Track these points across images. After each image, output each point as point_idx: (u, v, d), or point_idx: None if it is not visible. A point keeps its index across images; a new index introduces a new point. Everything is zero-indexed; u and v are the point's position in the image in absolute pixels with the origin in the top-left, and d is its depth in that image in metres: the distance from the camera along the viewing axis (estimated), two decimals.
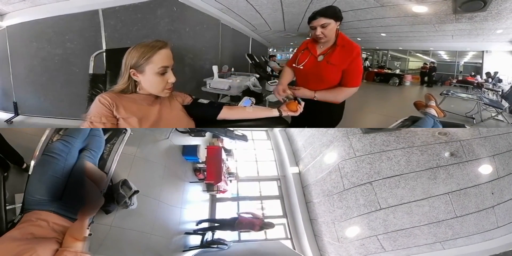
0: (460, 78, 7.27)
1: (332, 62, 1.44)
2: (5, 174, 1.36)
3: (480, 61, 6.85)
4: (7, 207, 1.12)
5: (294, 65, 1.60)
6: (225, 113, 1.30)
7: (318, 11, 1.39)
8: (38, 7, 2.77)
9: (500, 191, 2.00)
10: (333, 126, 1.72)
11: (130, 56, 1.11)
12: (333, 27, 1.40)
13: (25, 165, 1.53)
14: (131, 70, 1.11)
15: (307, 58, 1.54)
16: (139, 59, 1.09)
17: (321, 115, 1.63)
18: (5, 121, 3.14)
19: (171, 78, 1.14)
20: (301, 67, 1.56)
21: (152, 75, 1.10)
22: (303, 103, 1.33)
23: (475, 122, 4.06)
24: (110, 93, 1.14)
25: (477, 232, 1.99)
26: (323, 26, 1.38)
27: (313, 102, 1.54)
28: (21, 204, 1.09)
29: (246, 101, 1.44)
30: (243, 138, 3.21)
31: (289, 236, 3.12)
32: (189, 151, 2.94)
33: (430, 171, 2.05)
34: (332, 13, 1.38)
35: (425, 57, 7.90)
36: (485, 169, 2.04)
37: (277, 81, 3.31)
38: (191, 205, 2.82)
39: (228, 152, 3.57)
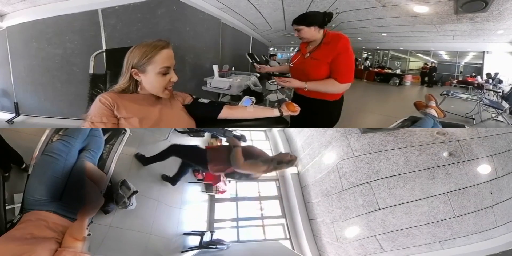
0: (460, 78, 7.27)
1: (315, 57, 1.56)
2: (7, 174, 1.36)
3: (481, 62, 6.84)
4: (7, 207, 1.13)
5: (286, 63, 1.82)
6: (226, 113, 1.30)
7: (294, 19, 1.58)
8: (38, 8, 2.78)
9: (499, 190, 2.01)
10: (331, 127, 1.77)
11: (132, 56, 1.10)
12: (307, 31, 1.55)
13: (24, 165, 1.53)
14: (132, 69, 1.11)
15: (297, 58, 1.70)
16: (141, 58, 1.08)
17: (318, 116, 1.66)
18: (6, 121, 3.15)
19: (173, 77, 1.14)
20: (292, 65, 1.72)
21: (153, 75, 1.10)
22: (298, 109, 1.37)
23: (475, 123, 4.06)
24: (111, 93, 1.14)
25: (476, 231, 1.99)
26: (297, 30, 1.58)
27: (310, 102, 1.60)
28: (20, 204, 1.10)
29: (246, 100, 1.43)
30: (242, 138, 3.21)
31: (288, 236, 3.12)
32: None
33: (429, 171, 2.05)
34: (302, 20, 1.55)
35: (425, 57, 7.89)
36: (484, 169, 2.04)
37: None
38: (190, 205, 2.82)
39: None
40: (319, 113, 1.66)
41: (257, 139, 4.20)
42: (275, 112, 1.34)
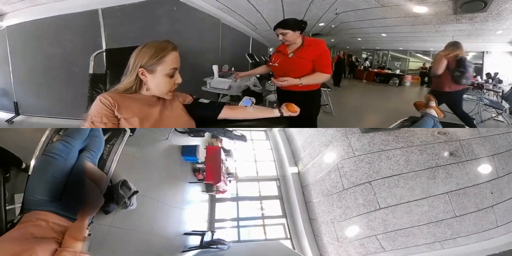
0: None
1: (301, 56, 1.78)
2: (7, 175, 1.36)
3: (480, 62, 6.84)
4: (7, 207, 1.12)
5: (270, 63, 1.96)
6: (226, 113, 1.30)
7: (278, 23, 1.75)
8: (38, 7, 2.77)
9: (499, 190, 2.01)
10: (318, 113, 1.98)
11: (141, 55, 1.10)
12: (292, 35, 1.74)
13: (24, 165, 1.53)
14: (140, 69, 1.10)
15: (280, 58, 1.87)
16: (151, 58, 1.08)
17: (307, 105, 1.73)
18: (5, 121, 3.14)
19: (178, 79, 1.15)
20: (276, 65, 1.89)
21: (162, 76, 1.11)
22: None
23: (475, 123, 4.06)
24: (112, 93, 1.13)
25: (477, 231, 1.99)
26: (282, 34, 1.75)
27: (297, 95, 1.80)
28: (20, 205, 1.10)
29: (246, 100, 1.44)
30: (242, 138, 3.21)
31: (288, 236, 3.12)
32: (188, 152, 2.94)
33: (430, 171, 2.05)
34: (288, 24, 1.73)
35: (425, 57, 7.89)
36: (485, 168, 2.04)
37: None
38: (191, 205, 2.82)
39: (227, 152, 3.57)
40: (307, 102, 1.76)
41: (257, 138, 4.21)
42: (275, 113, 1.34)
